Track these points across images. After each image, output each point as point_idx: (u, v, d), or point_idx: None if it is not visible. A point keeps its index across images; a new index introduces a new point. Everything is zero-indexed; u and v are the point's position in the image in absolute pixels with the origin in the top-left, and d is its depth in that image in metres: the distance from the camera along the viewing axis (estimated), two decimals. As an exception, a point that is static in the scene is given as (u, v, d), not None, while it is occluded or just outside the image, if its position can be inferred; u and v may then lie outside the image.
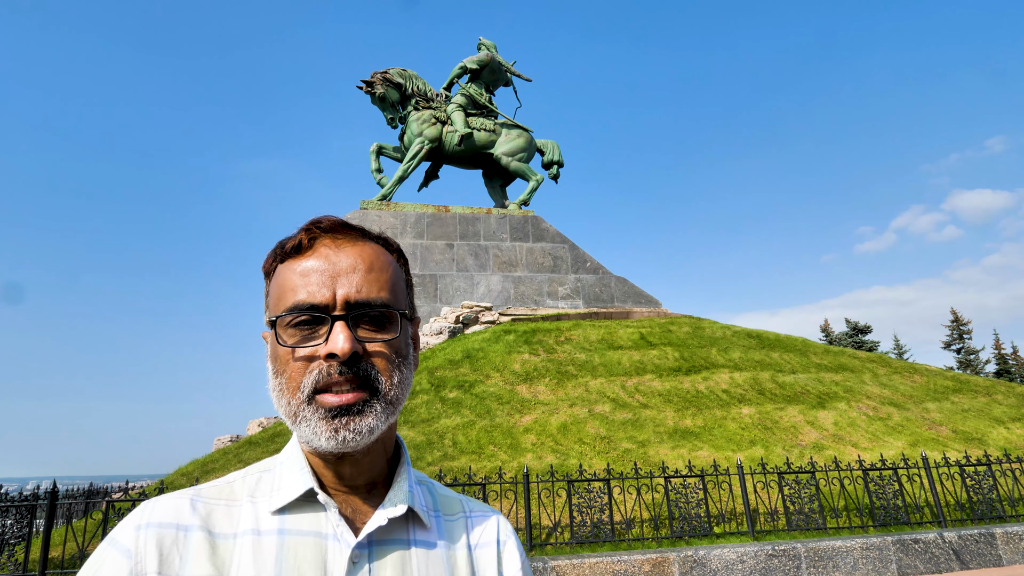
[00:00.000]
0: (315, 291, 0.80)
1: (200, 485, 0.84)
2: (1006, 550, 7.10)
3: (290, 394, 0.79)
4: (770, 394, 11.45)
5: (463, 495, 0.99)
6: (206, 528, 0.77)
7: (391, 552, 0.82)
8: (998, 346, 39.97)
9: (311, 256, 0.83)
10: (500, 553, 0.92)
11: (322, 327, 0.80)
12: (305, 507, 0.81)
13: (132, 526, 0.76)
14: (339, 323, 0.79)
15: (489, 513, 0.96)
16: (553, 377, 11.79)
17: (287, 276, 0.83)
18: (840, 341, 37.80)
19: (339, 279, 0.81)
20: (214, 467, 9.74)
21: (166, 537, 0.75)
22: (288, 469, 0.85)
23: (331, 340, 0.78)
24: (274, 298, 0.84)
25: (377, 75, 17.90)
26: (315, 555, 0.77)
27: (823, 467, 7.98)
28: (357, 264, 0.83)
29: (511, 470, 8.46)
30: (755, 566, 6.51)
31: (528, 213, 17.93)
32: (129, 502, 6.83)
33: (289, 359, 0.80)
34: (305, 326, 0.80)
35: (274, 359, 0.82)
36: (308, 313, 0.79)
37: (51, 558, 6.81)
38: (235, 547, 0.77)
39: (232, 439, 13.64)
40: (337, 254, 0.83)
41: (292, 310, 0.80)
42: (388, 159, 18.66)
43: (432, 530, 0.88)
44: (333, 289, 0.80)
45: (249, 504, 0.82)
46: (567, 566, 6.26)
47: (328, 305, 0.80)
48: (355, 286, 0.81)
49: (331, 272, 0.81)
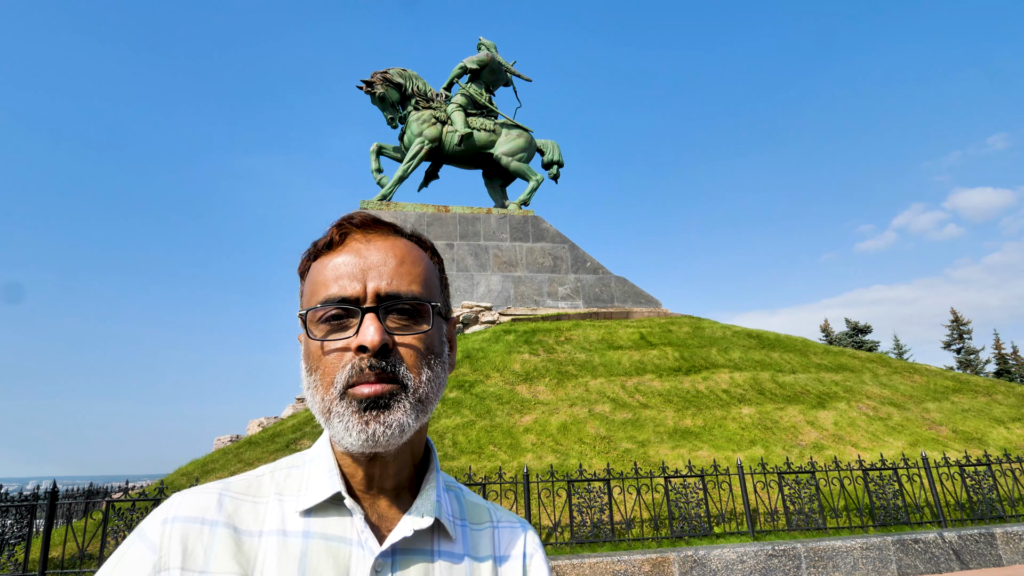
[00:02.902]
0: (346, 284, 0.79)
1: (230, 479, 0.83)
2: (1006, 550, 7.10)
3: (323, 390, 0.79)
4: (770, 394, 11.45)
5: (491, 503, 0.97)
6: (231, 525, 0.77)
7: (415, 563, 0.80)
8: (998, 346, 39.97)
9: (342, 251, 0.83)
10: (527, 568, 0.90)
11: (353, 320, 0.79)
12: (331, 510, 0.81)
13: (159, 519, 0.76)
14: (369, 315, 0.78)
15: (516, 524, 0.94)
16: (553, 377, 11.79)
17: (319, 272, 0.83)
18: (840, 341, 37.81)
19: (369, 272, 0.80)
20: (214, 467, 9.74)
21: (191, 532, 0.75)
22: (317, 468, 0.84)
23: (361, 332, 0.77)
24: (307, 295, 0.84)
25: (377, 75, 17.90)
26: (338, 561, 0.77)
27: (823, 467, 7.98)
28: (388, 258, 0.82)
29: (511, 470, 8.46)
30: (755, 566, 6.51)
31: (528, 213, 17.92)
32: (129, 502, 6.84)
33: (321, 355, 0.79)
34: (336, 320, 0.79)
35: (307, 356, 0.82)
36: (338, 306, 0.79)
37: (51, 558, 6.81)
38: (260, 546, 0.77)
39: (232, 439, 13.65)
40: (368, 248, 0.83)
41: (322, 304, 0.79)
42: (388, 159, 18.66)
43: (457, 541, 0.86)
44: (364, 282, 0.80)
45: (276, 502, 0.81)
46: (567, 566, 6.26)
47: (358, 298, 0.79)
48: (385, 278, 0.80)
49: (362, 266, 0.81)
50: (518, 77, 20.38)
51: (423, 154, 17.75)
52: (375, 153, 18.18)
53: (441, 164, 19.44)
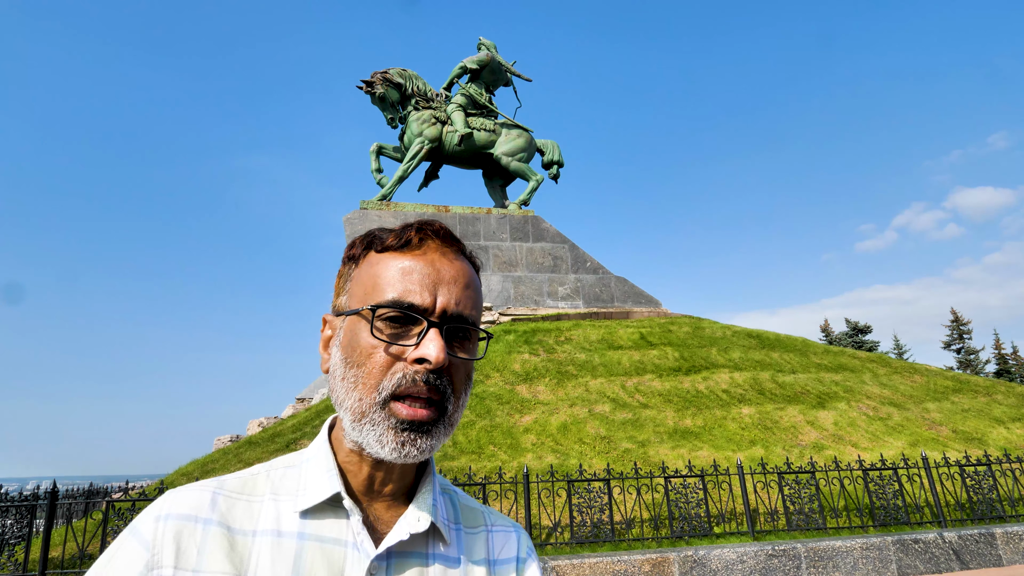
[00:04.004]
0: (417, 291, 0.78)
1: (225, 476, 0.82)
2: (1006, 550, 7.10)
3: (364, 391, 0.77)
4: (770, 394, 11.45)
5: (485, 506, 0.97)
6: (225, 524, 0.76)
7: (410, 566, 0.80)
8: (998, 346, 39.98)
9: (418, 257, 0.81)
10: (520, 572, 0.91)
11: (415, 329, 0.78)
12: (328, 512, 0.80)
13: (153, 517, 0.76)
14: (434, 330, 0.77)
15: (511, 529, 0.94)
16: (553, 377, 11.79)
17: (387, 268, 0.81)
18: (840, 341, 37.81)
19: (440, 287, 0.79)
20: (214, 467, 9.74)
21: (184, 530, 0.74)
22: (315, 468, 0.83)
23: (424, 345, 0.76)
24: (366, 286, 0.81)
25: (377, 75, 17.90)
26: (333, 563, 0.76)
27: (823, 467, 7.98)
28: (459, 277, 0.82)
29: (511, 470, 8.46)
30: (755, 566, 6.51)
31: (528, 213, 17.92)
32: (129, 502, 6.83)
33: (372, 353, 0.77)
34: (396, 324, 0.78)
35: (351, 349, 0.79)
36: (406, 311, 0.77)
37: (51, 558, 6.81)
38: (253, 545, 0.76)
39: (232, 439, 13.65)
40: (442, 261, 0.82)
41: (391, 304, 0.77)
42: (388, 159, 18.66)
43: (452, 545, 0.86)
44: (435, 295, 0.79)
45: (271, 501, 0.80)
46: (567, 566, 6.26)
47: (427, 309, 0.78)
48: (455, 298, 0.80)
49: (435, 278, 0.80)
50: (518, 77, 20.38)
51: (423, 154, 17.75)
52: (375, 153, 18.18)
53: (441, 164, 19.44)
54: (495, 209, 17.85)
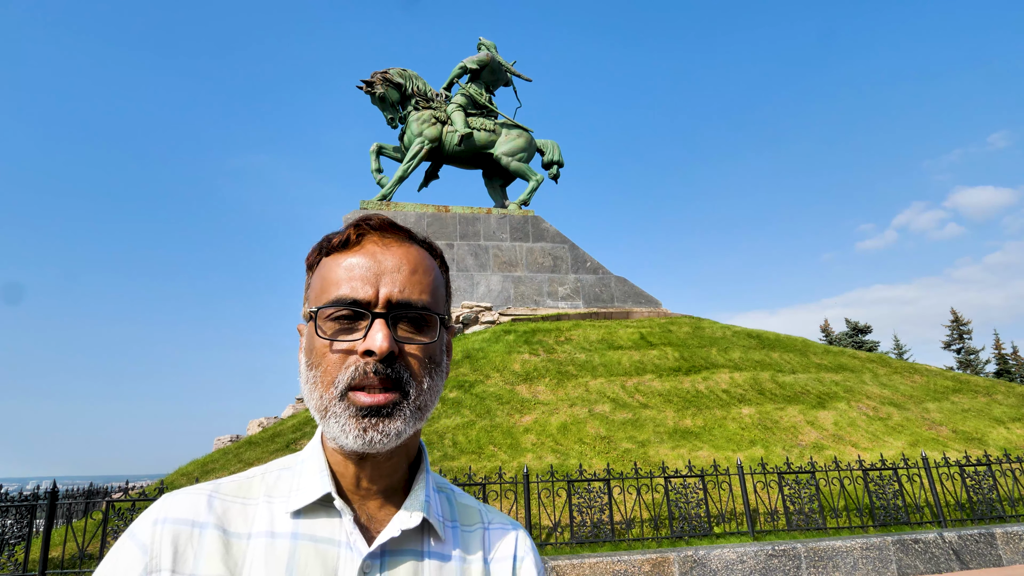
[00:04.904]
0: (358, 287, 0.80)
1: (221, 479, 0.84)
2: (1006, 550, 7.10)
3: (323, 388, 0.79)
4: (770, 394, 11.45)
5: (484, 504, 0.97)
6: (221, 527, 0.77)
7: (403, 563, 0.80)
8: (998, 346, 39.98)
9: (358, 252, 0.83)
10: (516, 570, 0.89)
11: (361, 323, 0.80)
12: (320, 512, 0.81)
13: (150, 520, 0.77)
14: (379, 321, 0.79)
15: (508, 526, 0.94)
16: (553, 377, 11.79)
17: (331, 269, 0.83)
18: (840, 341, 37.80)
19: (383, 277, 0.81)
20: (214, 467, 9.74)
21: (181, 534, 0.76)
22: (308, 469, 0.84)
23: (370, 337, 0.78)
24: (316, 290, 0.84)
25: (377, 75, 17.90)
26: (326, 563, 0.77)
27: (823, 467, 7.97)
28: (402, 264, 0.83)
29: (511, 470, 8.46)
30: (755, 566, 6.51)
31: (528, 213, 17.92)
32: (129, 502, 6.83)
33: (325, 352, 0.80)
34: (345, 320, 0.80)
35: (309, 351, 0.82)
36: (349, 308, 0.79)
37: (51, 558, 6.81)
38: (248, 548, 0.77)
39: (232, 439, 13.65)
40: (383, 252, 0.83)
41: (334, 303, 0.80)
42: (388, 159, 18.67)
43: (447, 542, 0.86)
44: (376, 287, 0.80)
45: (265, 504, 0.81)
46: (567, 566, 6.26)
47: (370, 302, 0.79)
48: (398, 286, 0.81)
49: (376, 270, 0.81)
50: (518, 77, 20.38)
51: (423, 154, 17.75)
52: (375, 153, 18.19)
53: (441, 164, 19.44)
54: (495, 209, 17.85)
